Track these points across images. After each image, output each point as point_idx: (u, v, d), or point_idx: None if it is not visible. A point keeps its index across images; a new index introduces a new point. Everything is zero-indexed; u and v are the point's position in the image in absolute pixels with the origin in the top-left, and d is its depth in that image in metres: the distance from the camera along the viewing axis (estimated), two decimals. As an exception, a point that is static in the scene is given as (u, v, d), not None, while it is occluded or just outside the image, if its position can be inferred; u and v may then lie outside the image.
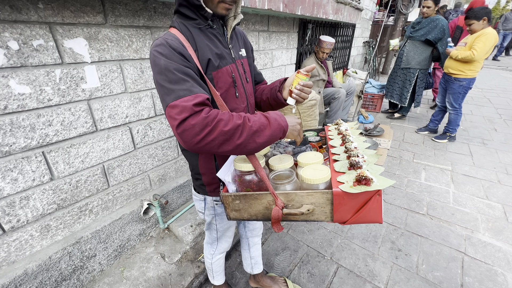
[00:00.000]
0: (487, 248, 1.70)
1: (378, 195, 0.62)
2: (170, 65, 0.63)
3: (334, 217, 0.68)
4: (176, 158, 1.77)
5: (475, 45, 2.64)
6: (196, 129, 0.60)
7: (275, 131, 0.67)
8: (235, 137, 0.62)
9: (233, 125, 0.62)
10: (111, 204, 1.45)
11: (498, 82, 6.27)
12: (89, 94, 1.19)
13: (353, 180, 0.64)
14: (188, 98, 0.61)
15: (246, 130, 0.63)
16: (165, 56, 0.64)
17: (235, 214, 0.79)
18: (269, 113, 0.70)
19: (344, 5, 3.06)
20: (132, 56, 1.31)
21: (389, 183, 0.61)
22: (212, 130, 0.60)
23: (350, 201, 0.64)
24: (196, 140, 0.60)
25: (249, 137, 0.64)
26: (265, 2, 1.69)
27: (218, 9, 0.72)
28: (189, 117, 0.59)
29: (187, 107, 0.59)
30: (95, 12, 1.11)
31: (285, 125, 0.70)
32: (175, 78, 0.63)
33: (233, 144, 0.63)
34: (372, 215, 0.65)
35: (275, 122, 0.68)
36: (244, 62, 0.87)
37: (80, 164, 1.24)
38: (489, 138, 3.31)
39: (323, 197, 0.66)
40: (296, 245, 1.76)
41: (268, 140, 0.67)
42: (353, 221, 0.67)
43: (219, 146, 0.62)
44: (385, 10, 5.80)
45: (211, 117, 0.61)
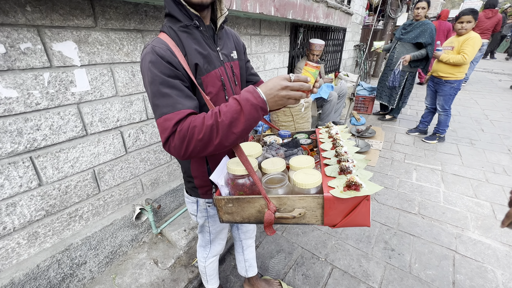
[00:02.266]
0: (477, 246, 1.74)
1: (367, 200, 0.64)
2: (156, 78, 0.65)
3: (325, 220, 0.69)
4: (169, 162, 1.76)
5: (464, 49, 2.73)
6: (177, 145, 0.63)
7: (250, 113, 0.61)
8: (212, 139, 0.63)
9: (205, 129, 0.61)
10: (102, 209, 1.42)
11: (485, 84, 6.47)
12: (79, 97, 1.17)
13: (343, 185, 0.65)
14: (169, 116, 0.63)
15: (220, 127, 0.61)
16: (153, 65, 0.65)
17: (227, 217, 0.79)
18: (241, 94, 0.63)
19: (334, 9, 3.12)
20: (123, 59, 1.30)
21: (377, 188, 0.63)
22: (190, 142, 0.63)
23: (340, 205, 0.65)
24: (181, 153, 0.65)
25: (225, 132, 0.62)
26: (257, 6, 1.71)
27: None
28: (170, 136, 0.64)
29: (167, 127, 0.63)
30: (85, 15, 1.11)
31: (260, 101, 0.62)
32: (160, 93, 0.65)
33: (213, 145, 0.63)
34: (360, 218, 0.66)
35: (247, 104, 0.61)
36: (234, 64, 0.87)
37: (69, 169, 1.21)
38: (477, 138, 3.40)
39: (314, 202, 0.68)
40: (290, 247, 1.76)
41: (247, 126, 0.63)
42: (342, 225, 0.68)
43: (202, 151, 0.65)
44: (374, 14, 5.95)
45: (184, 128, 0.62)
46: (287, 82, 0.62)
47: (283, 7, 2.02)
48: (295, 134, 1.16)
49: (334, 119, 3.52)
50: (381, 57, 7.04)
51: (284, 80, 0.63)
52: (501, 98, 5.24)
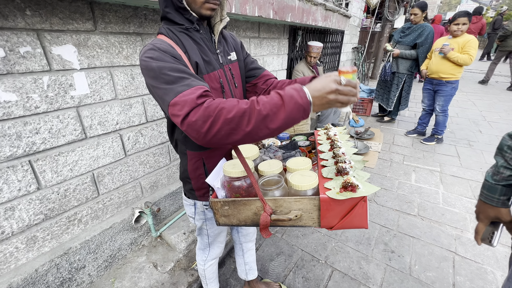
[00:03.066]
0: (477, 247, 1.74)
1: (364, 201, 0.63)
2: (164, 65, 0.62)
3: (321, 222, 0.68)
4: (168, 165, 1.75)
5: (469, 51, 2.76)
6: (199, 122, 0.56)
7: (291, 112, 0.56)
8: (242, 125, 0.56)
9: (238, 111, 0.56)
10: (101, 213, 1.41)
11: (481, 86, 6.51)
12: (78, 101, 1.17)
13: (339, 187, 0.65)
14: (188, 92, 0.59)
15: (254, 115, 0.56)
16: (156, 59, 0.63)
17: (224, 219, 0.79)
18: (285, 89, 0.59)
19: (332, 12, 3.15)
20: (122, 62, 1.30)
21: (374, 189, 0.62)
22: (216, 120, 0.56)
23: (337, 207, 0.64)
24: (202, 134, 0.57)
25: (259, 123, 0.56)
26: (255, 9, 1.72)
27: (202, 10, 0.71)
28: (191, 111, 0.57)
29: (188, 101, 0.57)
30: (85, 19, 1.11)
31: (305, 102, 0.56)
32: (172, 78, 0.61)
33: (242, 133, 0.57)
34: (358, 220, 0.66)
35: (290, 101, 0.56)
36: (233, 66, 0.87)
37: (68, 172, 1.21)
38: (475, 140, 3.42)
39: (310, 203, 0.67)
40: (290, 250, 1.76)
41: (285, 124, 0.57)
42: (339, 227, 0.67)
43: (227, 136, 0.58)
44: (372, 17, 5.99)
45: (213, 106, 0.57)
46: (337, 85, 0.57)
47: (281, 10, 2.03)
48: (294, 136, 1.16)
49: (333, 121, 3.53)
50: (379, 59, 7.08)
51: (335, 82, 0.58)
52: (498, 99, 5.28)
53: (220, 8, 0.81)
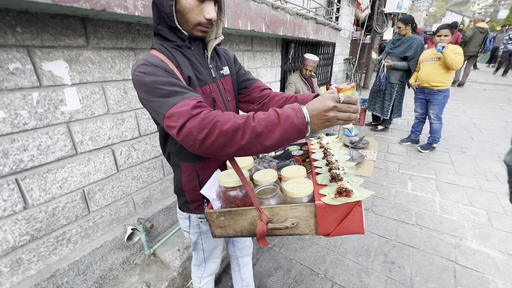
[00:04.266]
0: (476, 256, 1.72)
1: (359, 205, 0.63)
2: (157, 79, 0.63)
3: (318, 229, 0.68)
4: (162, 179, 1.72)
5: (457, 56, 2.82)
6: (194, 132, 0.57)
7: (286, 132, 0.57)
8: (236, 139, 0.57)
9: (233, 124, 0.57)
10: (91, 231, 1.36)
11: (470, 94, 6.69)
12: (69, 116, 1.15)
13: (334, 192, 0.65)
14: (182, 103, 0.59)
15: (248, 131, 0.57)
16: (149, 74, 0.64)
17: (220, 231, 0.78)
18: (284, 108, 0.59)
19: (323, 25, 3.24)
20: (115, 77, 1.30)
21: (368, 193, 0.63)
22: (211, 132, 0.57)
23: (333, 213, 0.64)
24: (197, 144, 0.58)
25: (253, 139, 0.57)
26: (248, 24, 1.75)
27: (194, 32, 0.72)
28: (187, 121, 0.58)
29: (183, 112, 0.58)
30: (77, 35, 1.11)
31: (301, 123, 0.57)
32: (165, 92, 0.62)
33: (236, 146, 0.58)
34: (354, 225, 0.65)
35: (286, 121, 0.56)
36: (225, 81, 0.88)
37: (57, 190, 1.17)
38: (467, 146, 3.47)
39: (306, 210, 0.67)
40: (289, 264, 1.71)
41: (280, 142, 0.58)
42: (336, 233, 0.67)
43: (222, 148, 0.58)
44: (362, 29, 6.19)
45: (209, 118, 0.57)
46: (334, 103, 0.57)
47: (273, 24, 2.08)
48: (288, 146, 1.15)
49: (328, 130, 3.55)
50: (371, 69, 7.25)
51: (332, 100, 0.57)
52: (487, 106, 5.41)
53: (215, 26, 0.82)
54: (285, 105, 0.60)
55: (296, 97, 0.85)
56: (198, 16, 0.69)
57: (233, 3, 1.58)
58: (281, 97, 0.89)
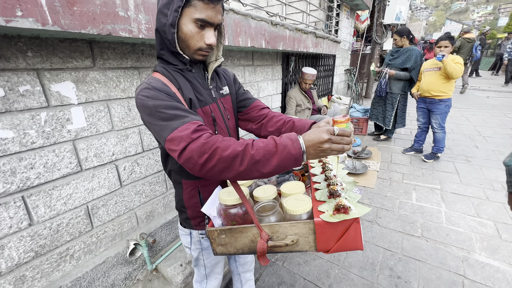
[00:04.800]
0: (486, 269, 1.67)
1: (357, 222, 0.64)
2: (159, 103, 0.66)
3: (318, 246, 0.69)
4: (165, 193, 1.73)
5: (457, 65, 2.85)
6: (195, 156, 0.60)
7: (283, 161, 0.60)
8: (235, 165, 0.60)
9: (232, 151, 0.60)
10: (94, 247, 1.37)
11: (473, 101, 6.67)
12: (75, 134, 1.19)
13: (332, 209, 0.66)
14: (183, 127, 0.63)
15: (247, 158, 0.60)
16: (151, 97, 0.67)
17: (221, 249, 0.78)
18: (281, 138, 0.63)
19: (322, 39, 3.31)
20: (119, 95, 1.34)
21: (365, 210, 0.64)
22: (211, 157, 0.60)
23: (331, 229, 0.65)
24: (197, 167, 0.61)
25: (251, 166, 0.60)
26: (248, 41, 1.81)
27: (195, 56, 0.76)
28: (188, 146, 0.61)
29: (183, 136, 0.61)
30: (84, 57, 1.16)
31: (298, 153, 0.60)
32: (167, 116, 0.65)
33: (234, 171, 0.61)
34: (352, 242, 0.66)
35: (283, 151, 0.60)
36: (225, 100, 0.91)
37: (62, 206, 1.19)
38: (472, 155, 3.43)
39: (305, 227, 0.68)
40: (292, 279, 1.68)
41: (277, 170, 0.62)
42: (336, 249, 0.68)
43: (221, 173, 0.62)
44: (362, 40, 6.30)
45: (210, 144, 0.61)
46: (329, 135, 0.61)
47: (273, 40, 2.14)
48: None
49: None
50: (372, 79, 7.31)
51: (327, 133, 0.61)
52: (491, 114, 5.38)
53: (216, 49, 0.86)
54: (283, 134, 0.63)
55: (293, 122, 0.88)
56: (198, 42, 0.73)
57: (233, 22, 1.65)
58: (279, 119, 0.92)
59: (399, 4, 6.42)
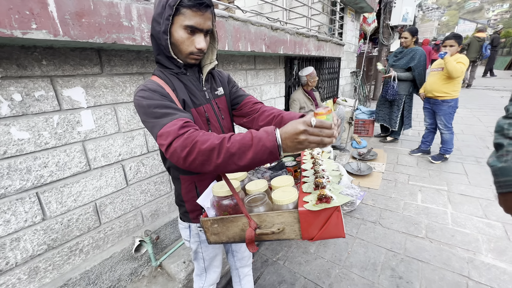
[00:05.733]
0: (492, 271, 1.63)
1: (338, 211, 0.68)
2: (153, 103, 0.73)
3: (302, 234, 0.72)
4: (169, 193, 1.81)
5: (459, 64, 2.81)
6: (178, 150, 0.65)
7: (258, 153, 0.61)
8: (213, 157, 0.63)
9: (210, 145, 0.63)
10: (102, 242, 1.45)
11: (486, 102, 6.47)
12: (84, 135, 1.28)
13: (315, 199, 0.70)
14: (171, 123, 0.68)
15: (223, 151, 0.62)
16: (146, 98, 0.74)
17: (214, 237, 0.84)
18: (259, 131, 0.63)
19: (325, 42, 3.35)
20: (126, 99, 1.43)
21: (346, 199, 0.68)
22: (191, 151, 0.64)
23: (315, 218, 0.69)
24: (181, 161, 0.66)
25: (227, 159, 0.62)
26: (248, 46, 1.88)
27: (188, 60, 0.83)
28: (174, 140, 0.65)
29: (171, 132, 0.66)
30: (93, 64, 1.26)
31: (272, 145, 0.60)
32: (159, 114, 0.72)
33: (213, 164, 0.64)
34: (334, 230, 0.70)
35: (258, 143, 0.60)
36: (219, 101, 0.97)
37: (72, 203, 1.28)
38: (482, 156, 3.34)
39: (291, 216, 0.72)
40: (292, 278, 1.70)
41: (253, 163, 0.62)
42: (319, 237, 0.71)
43: (202, 165, 0.65)
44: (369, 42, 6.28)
45: (190, 138, 0.64)
46: (305, 126, 0.58)
47: (274, 44, 2.20)
48: (282, 157, 1.21)
49: (335, 143, 3.56)
50: (379, 81, 7.24)
51: (302, 124, 0.59)
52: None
53: (210, 52, 0.93)
54: (262, 128, 0.64)
55: (283, 116, 0.92)
56: (189, 47, 0.80)
57: (233, 28, 1.72)
58: (270, 113, 0.96)
59: (405, 5, 6.37)
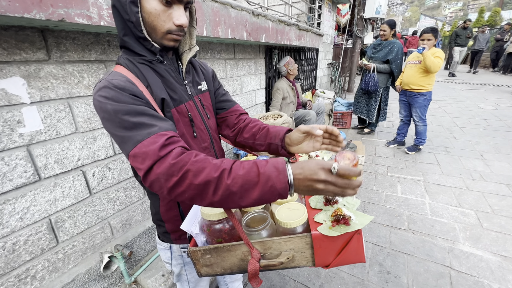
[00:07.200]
0: (470, 259, 1.70)
1: (358, 234, 0.57)
2: (120, 108, 0.54)
3: (316, 261, 0.61)
4: (142, 199, 1.59)
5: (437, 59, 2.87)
6: (161, 179, 0.50)
7: (266, 194, 0.49)
8: (208, 193, 0.50)
9: (205, 177, 0.49)
10: (61, 264, 1.22)
11: (449, 94, 6.95)
12: (29, 138, 1.03)
13: (330, 220, 0.59)
14: (149, 141, 0.52)
15: (221, 187, 0.49)
16: (111, 99, 0.54)
17: (206, 270, 0.69)
18: (267, 165, 0.50)
19: (306, 31, 3.24)
20: (83, 92, 1.18)
21: (368, 219, 0.57)
22: (180, 182, 0.50)
23: (330, 243, 0.58)
24: (165, 191, 0.51)
25: (226, 197, 0.50)
26: (228, 32, 1.69)
27: (164, 41, 0.63)
28: (154, 165, 0.50)
29: (149, 153, 0.51)
30: (35, 48, 1.00)
31: (282, 188, 0.48)
32: (129, 124, 0.53)
33: (208, 200, 0.51)
34: (354, 255, 0.59)
35: (266, 183, 0.48)
36: (203, 97, 0.80)
37: (17, 222, 1.03)
38: (451, 146, 3.54)
39: (302, 242, 0.60)
40: (282, 282, 1.62)
41: (257, 203, 0.51)
42: (336, 264, 0.60)
43: (192, 199, 0.52)
44: (343, 34, 6.32)
45: (179, 164, 0.50)
46: (326, 175, 0.47)
47: (255, 32, 2.03)
48: None
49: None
50: (354, 73, 7.40)
51: (323, 170, 0.47)
52: (466, 105, 5.62)
53: (189, 36, 0.74)
54: (270, 160, 0.52)
55: (268, 129, 0.82)
56: (166, 23, 0.60)
57: (211, 10, 1.52)
58: (254, 124, 0.86)
59: (378, -2, 6.48)
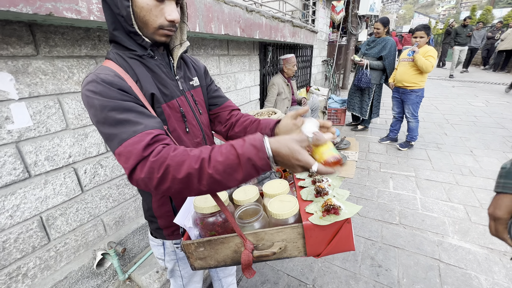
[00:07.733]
0: (458, 252, 1.75)
1: (348, 222, 0.59)
2: (107, 103, 0.54)
3: (307, 251, 0.63)
4: (135, 196, 1.59)
5: (429, 58, 2.90)
6: (145, 179, 0.51)
7: (248, 173, 0.51)
8: (193, 184, 0.51)
9: (187, 171, 0.50)
10: (53, 261, 1.21)
11: (441, 91, 7.05)
12: (18, 135, 1.01)
13: (321, 210, 0.61)
14: (133, 140, 0.52)
15: (205, 178, 0.50)
16: (99, 94, 0.55)
17: (200, 263, 0.70)
18: (244, 145, 0.51)
19: (300, 28, 3.24)
20: (73, 88, 1.17)
21: (356, 208, 0.59)
22: (164, 178, 0.51)
23: (321, 232, 0.60)
24: (152, 188, 0.52)
25: (212, 185, 0.51)
26: (221, 28, 1.68)
27: (156, 37, 0.63)
28: (138, 165, 0.51)
29: (133, 152, 0.51)
30: (23, 43, 0.98)
31: (263, 164, 0.50)
32: (115, 120, 0.53)
33: (196, 191, 0.52)
34: (344, 244, 0.62)
35: (248, 163, 0.50)
36: (195, 92, 0.80)
37: (7, 220, 1.02)
38: (442, 142, 3.61)
39: (293, 232, 0.62)
40: (275, 276, 1.64)
41: (243, 181, 0.53)
42: (326, 253, 0.63)
43: (180, 193, 0.53)
44: (337, 31, 6.34)
45: (159, 161, 0.51)
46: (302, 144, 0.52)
47: (249, 28, 2.02)
48: None
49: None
50: (348, 70, 7.44)
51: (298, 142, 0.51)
52: (457, 102, 5.71)
53: (179, 31, 0.74)
54: (246, 138, 0.53)
55: (259, 121, 0.82)
56: (158, 18, 0.60)
57: (204, 6, 1.50)
58: (245, 118, 0.86)
59: (372, -5, 6.50)
